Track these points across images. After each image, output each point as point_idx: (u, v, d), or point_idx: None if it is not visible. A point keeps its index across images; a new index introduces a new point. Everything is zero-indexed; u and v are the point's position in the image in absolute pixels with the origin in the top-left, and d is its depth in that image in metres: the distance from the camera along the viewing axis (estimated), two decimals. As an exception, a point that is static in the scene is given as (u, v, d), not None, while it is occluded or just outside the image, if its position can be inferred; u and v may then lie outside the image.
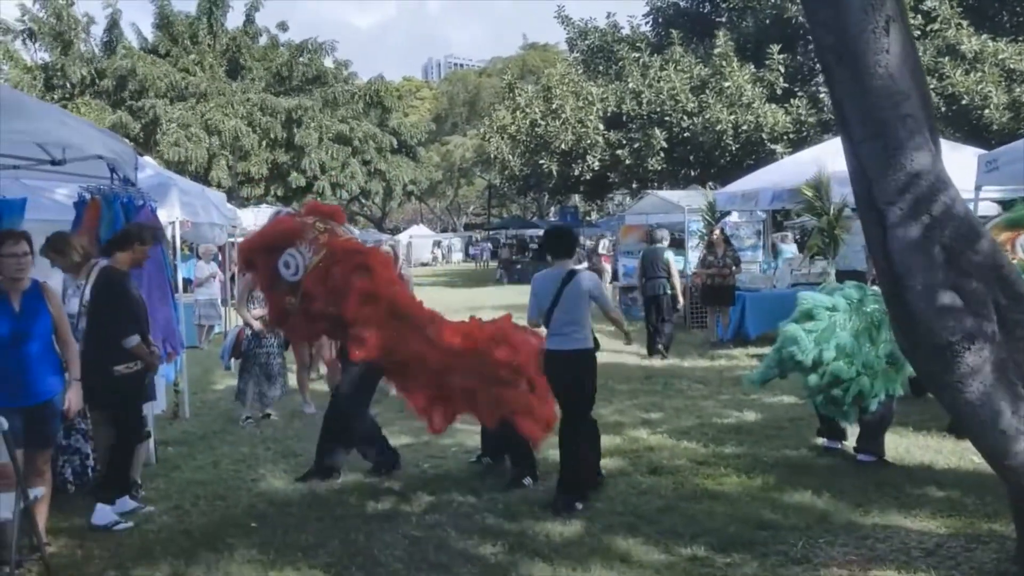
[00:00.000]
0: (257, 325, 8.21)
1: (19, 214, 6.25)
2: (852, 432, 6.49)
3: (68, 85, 29.06)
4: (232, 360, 8.68)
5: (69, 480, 5.71)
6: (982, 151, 9.56)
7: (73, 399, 4.73)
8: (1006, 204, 7.18)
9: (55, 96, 28.25)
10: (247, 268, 6.37)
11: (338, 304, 5.64)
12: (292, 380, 9.03)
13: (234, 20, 34.31)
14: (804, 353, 6.01)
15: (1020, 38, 19.68)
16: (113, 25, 30.54)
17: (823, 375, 5.98)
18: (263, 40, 34.94)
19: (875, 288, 6.03)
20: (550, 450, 6.00)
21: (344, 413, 6.29)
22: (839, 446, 6.56)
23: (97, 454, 5.73)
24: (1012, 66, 19.01)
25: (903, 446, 6.61)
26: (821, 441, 6.70)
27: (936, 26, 19.71)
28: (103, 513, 5.21)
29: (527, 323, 5.89)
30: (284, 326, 6.44)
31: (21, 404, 4.53)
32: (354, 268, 5.68)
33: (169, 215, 8.26)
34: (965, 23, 19.61)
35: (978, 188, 8.11)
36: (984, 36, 19.47)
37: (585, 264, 17.35)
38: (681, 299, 12.38)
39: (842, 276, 10.55)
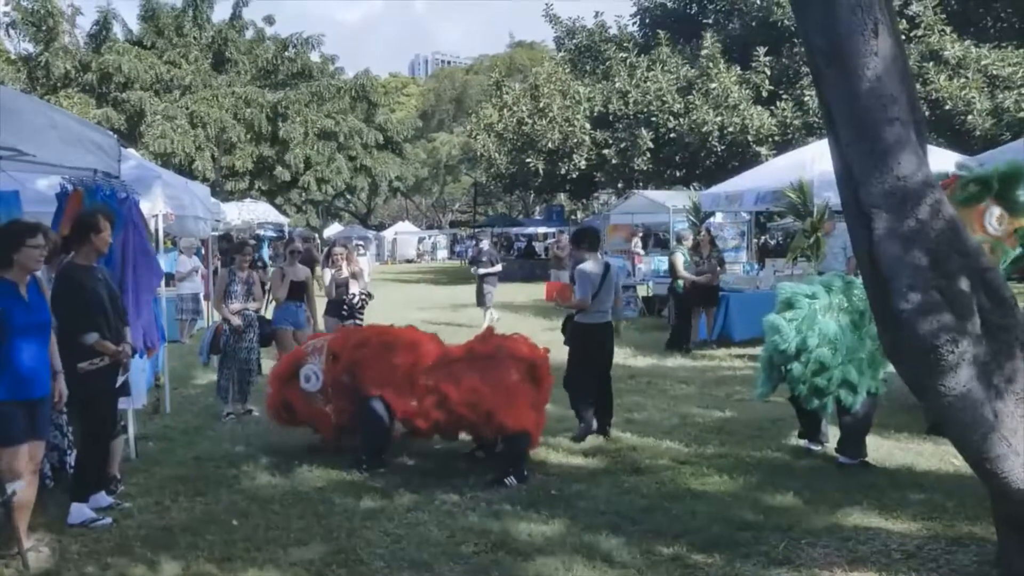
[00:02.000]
0: (235, 320, 8.16)
1: (15, 206, 6.17)
2: (833, 435, 6.53)
3: (51, 78, 28.74)
4: (211, 356, 8.62)
5: (47, 475, 5.65)
6: (965, 156, 9.62)
7: (60, 389, 4.76)
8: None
9: (39, 90, 27.96)
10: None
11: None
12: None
13: (222, 13, 34.14)
14: (786, 341, 6.06)
15: (1003, 44, 19.85)
16: (104, 23, 30.23)
17: (807, 363, 6.01)
18: (249, 33, 34.76)
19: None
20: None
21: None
22: (819, 448, 6.58)
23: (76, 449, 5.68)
24: (995, 72, 19.18)
25: (884, 448, 6.65)
26: (802, 443, 6.73)
27: (920, 31, 19.85)
28: (78, 511, 5.16)
29: (579, 303, 7.17)
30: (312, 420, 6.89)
31: (38, 395, 4.58)
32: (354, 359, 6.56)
33: (152, 208, 8.18)
34: (949, 29, 19.77)
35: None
36: (968, 42, 19.64)
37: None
38: (686, 275, 12.39)
39: (822, 278, 10.62)
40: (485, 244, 17.63)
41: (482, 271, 15.63)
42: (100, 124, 24.38)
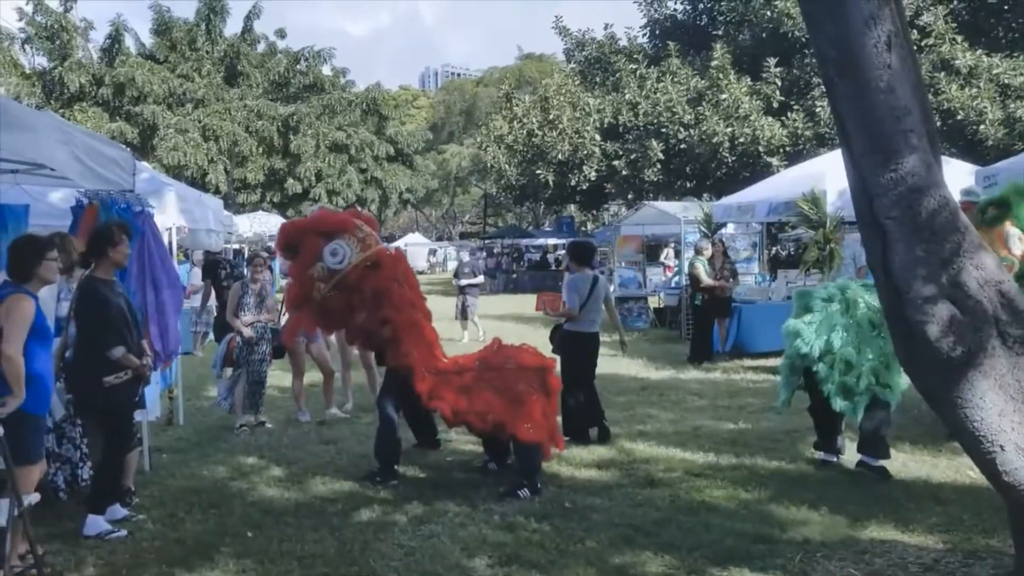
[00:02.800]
0: (247, 332, 8.19)
1: (24, 220, 6.23)
2: (849, 447, 6.50)
3: (67, 94, 28.97)
4: (224, 369, 8.65)
5: (60, 488, 5.67)
6: (977, 167, 9.60)
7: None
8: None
9: (54, 104, 28.18)
10: (286, 249, 6.30)
11: (377, 307, 6.09)
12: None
13: (233, 27, 34.30)
14: (808, 345, 6.09)
15: (1015, 54, 19.77)
16: (116, 36, 30.47)
17: (832, 363, 6.03)
18: (261, 47, 34.98)
19: None
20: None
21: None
22: (835, 460, 6.55)
23: (92, 461, 5.71)
24: (1007, 81, 19.10)
25: (899, 460, 6.60)
26: (818, 454, 6.69)
27: (931, 41, 19.80)
28: (93, 523, 5.18)
29: (567, 311, 7.55)
30: (298, 309, 6.43)
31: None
32: (395, 278, 6.23)
33: (166, 221, 8.23)
34: (960, 38, 19.71)
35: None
36: (979, 51, 19.57)
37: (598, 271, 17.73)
38: (711, 283, 12.43)
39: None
40: (466, 256, 17.67)
41: (464, 282, 15.61)
42: (114, 137, 24.59)
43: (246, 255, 17.98)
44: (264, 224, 23.89)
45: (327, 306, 6.14)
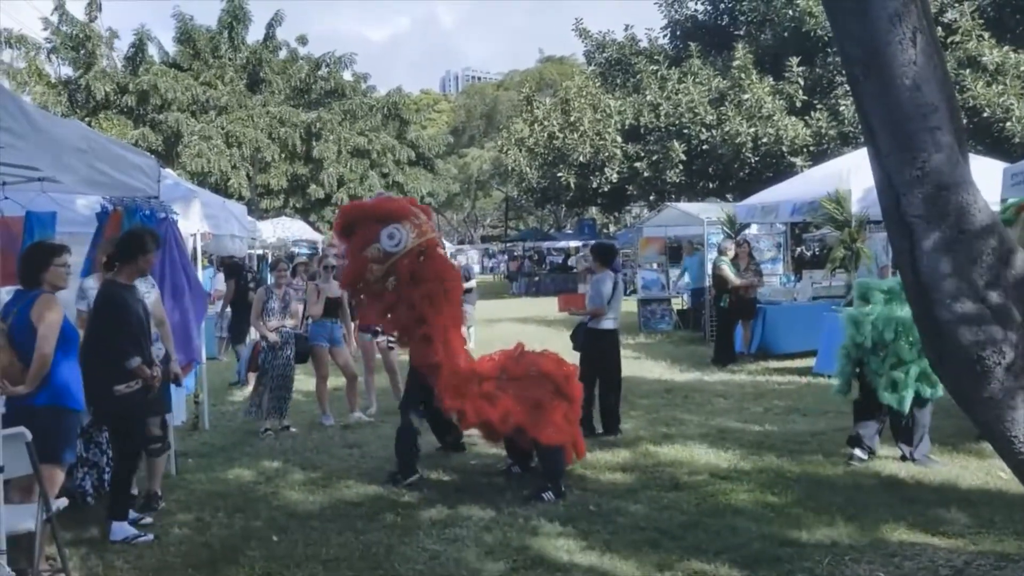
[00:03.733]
0: (273, 337, 8.24)
1: (51, 227, 6.30)
2: (884, 449, 6.46)
3: (92, 102, 29.30)
4: (248, 374, 8.70)
5: (88, 492, 5.73)
6: (1005, 164, 9.47)
7: None
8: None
9: (79, 112, 28.50)
10: (344, 229, 6.33)
11: (419, 302, 6.07)
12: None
13: (255, 34, 34.53)
14: (864, 335, 6.24)
15: (1042, 50, 19.50)
16: (140, 45, 30.78)
17: (884, 357, 6.16)
18: (283, 54, 35.19)
19: None
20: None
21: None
22: (865, 458, 6.50)
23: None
24: (1034, 78, 18.85)
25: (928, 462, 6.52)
26: (852, 451, 6.60)
27: (957, 38, 19.56)
28: (119, 529, 5.23)
29: (596, 309, 7.80)
30: (355, 291, 6.61)
31: None
32: (441, 276, 6.25)
33: (190, 227, 8.30)
34: (986, 35, 19.46)
35: (1003, 200, 8.02)
36: (1006, 48, 19.31)
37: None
38: (739, 282, 12.42)
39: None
40: (463, 259, 17.35)
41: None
42: (137, 144, 24.83)
43: (269, 260, 18.10)
44: (287, 229, 23.98)
45: (375, 290, 6.20)
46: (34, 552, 4.19)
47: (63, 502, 4.55)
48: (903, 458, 6.51)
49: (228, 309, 12.44)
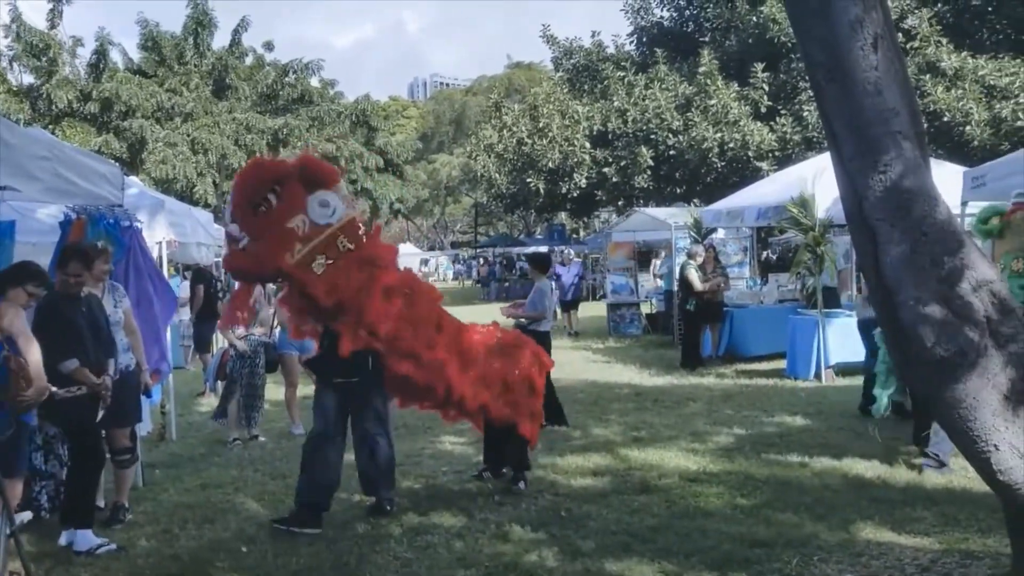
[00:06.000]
0: (241, 345, 8.16)
1: (9, 237, 6.19)
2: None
3: (55, 110, 28.88)
4: (217, 382, 8.62)
5: (44, 507, 5.60)
6: (965, 167, 9.64)
7: None
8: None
9: (42, 120, 28.06)
10: (253, 196, 5.01)
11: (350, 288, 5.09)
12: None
13: (220, 40, 34.20)
14: None
15: (1000, 55, 19.89)
16: (102, 50, 30.40)
17: None
18: (249, 60, 34.92)
19: None
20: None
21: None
22: (950, 468, 6.29)
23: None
24: (992, 83, 19.19)
25: (895, 462, 6.61)
26: (922, 462, 6.43)
27: (916, 44, 19.89)
28: (84, 538, 5.14)
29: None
30: (265, 276, 5.61)
31: None
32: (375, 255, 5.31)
33: (155, 235, 8.20)
34: (945, 40, 19.82)
35: (964, 204, 8.16)
36: (964, 53, 19.67)
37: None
38: (703, 287, 12.54)
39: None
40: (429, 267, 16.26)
41: None
42: (100, 151, 24.50)
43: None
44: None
45: (303, 275, 4.98)
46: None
47: (27, 515, 4.48)
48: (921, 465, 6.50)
49: (190, 317, 12.32)
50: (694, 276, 12.49)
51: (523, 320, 8.21)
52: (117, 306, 5.78)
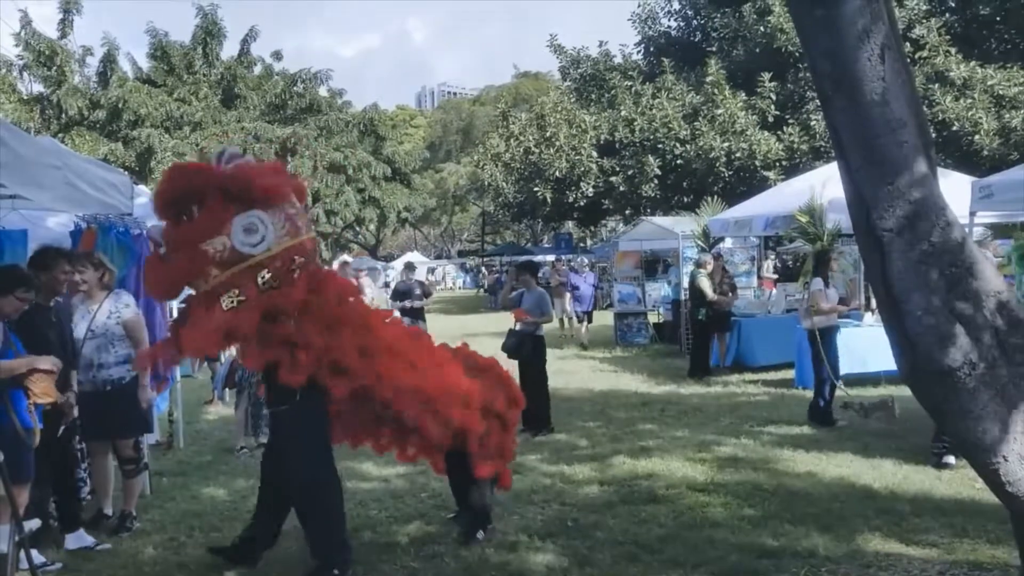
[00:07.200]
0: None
1: (22, 246, 6.22)
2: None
3: (63, 118, 29.07)
4: (225, 390, 8.63)
5: (52, 515, 5.62)
6: (973, 177, 9.62)
7: None
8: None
9: (51, 129, 28.25)
10: (173, 203, 4.33)
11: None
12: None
13: (229, 50, 34.45)
14: None
15: (1008, 64, 19.88)
16: (109, 59, 30.60)
17: None
18: (258, 69, 35.13)
19: None
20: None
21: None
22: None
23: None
24: (1001, 92, 19.18)
25: (902, 473, 6.59)
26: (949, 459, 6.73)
27: (925, 53, 19.90)
28: (71, 540, 5.28)
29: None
30: (168, 297, 5.12)
31: None
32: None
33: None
34: (954, 50, 19.82)
35: (972, 214, 8.14)
36: (973, 63, 19.66)
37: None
38: (716, 297, 12.63)
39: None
40: (414, 276, 14.66)
41: (417, 304, 13.17)
42: (107, 159, 24.63)
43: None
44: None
45: (205, 305, 4.23)
46: (6, 573, 4.13)
47: (36, 523, 4.50)
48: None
49: None
50: (706, 285, 12.47)
51: (529, 324, 8.71)
52: (111, 316, 5.65)
